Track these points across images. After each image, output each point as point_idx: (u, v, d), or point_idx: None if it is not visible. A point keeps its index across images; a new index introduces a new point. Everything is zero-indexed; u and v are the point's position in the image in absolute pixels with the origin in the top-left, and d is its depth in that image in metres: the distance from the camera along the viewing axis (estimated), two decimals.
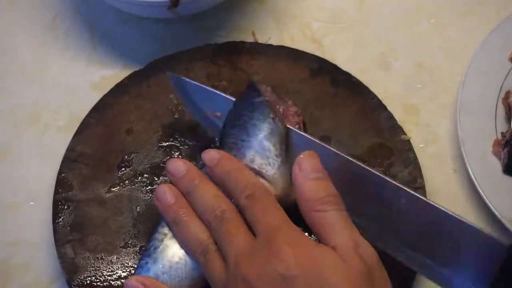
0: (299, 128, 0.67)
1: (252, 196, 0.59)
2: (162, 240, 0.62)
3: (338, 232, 0.55)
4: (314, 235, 0.57)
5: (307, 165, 0.58)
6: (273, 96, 0.70)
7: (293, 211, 0.58)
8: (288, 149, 0.64)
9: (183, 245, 0.61)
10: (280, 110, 0.69)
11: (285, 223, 0.58)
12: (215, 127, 0.67)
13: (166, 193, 0.62)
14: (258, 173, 0.63)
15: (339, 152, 0.62)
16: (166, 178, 0.69)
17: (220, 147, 0.65)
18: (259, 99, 0.65)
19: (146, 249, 0.62)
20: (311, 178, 0.57)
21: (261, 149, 0.63)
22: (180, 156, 0.70)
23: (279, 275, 0.54)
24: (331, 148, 0.63)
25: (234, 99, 0.66)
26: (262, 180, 0.63)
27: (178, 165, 0.63)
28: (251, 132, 0.64)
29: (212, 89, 0.68)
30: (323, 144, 0.63)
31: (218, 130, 0.66)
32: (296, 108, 0.68)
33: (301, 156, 0.58)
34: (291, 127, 0.64)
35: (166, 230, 0.62)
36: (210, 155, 0.63)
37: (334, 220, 0.56)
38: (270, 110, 0.64)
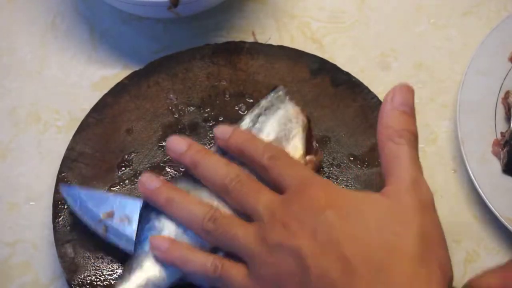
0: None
1: (275, 156, 0.61)
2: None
3: (402, 166, 0.56)
4: (380, 161, 0.58)
5: (399, 97, 0.57)
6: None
7: None
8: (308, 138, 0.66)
9: (182, 222, 0.61)
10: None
11: (314, 175, 0.59)
12: (111, 231, 0.64)
13: (151, 179, 0.63)
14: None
15: None
16: (166, 178, 0.69)
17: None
18: (278, 88, 0.68)
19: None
20: (398, 109, 0.57)
21: (278, 124, 0.65)
22: None
23: (320, 217, 0.55)
24: None
25: (127, 198, 0.65)
26: None
27: (179, 141, 0.64)
28: (268, 111, 0.66)
29: (105, 192, 0.68)
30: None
31: (113, 232, 0.64)
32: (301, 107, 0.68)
33: (398, 86, 0.58)
34: None
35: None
36: (223, 129, 0.64)
37: (403, 155, 0.56)
38: (286, 94, 0.67)
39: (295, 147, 0.65)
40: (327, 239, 0.54)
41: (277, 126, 0.66)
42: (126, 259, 0.65)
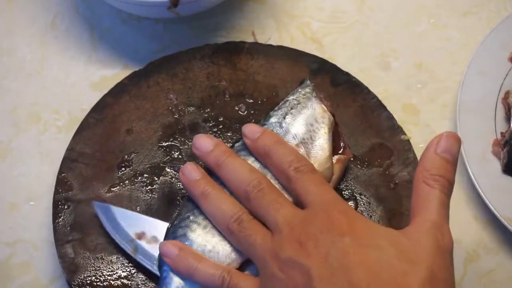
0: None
1: (301, 169, 0.60)
2: (195, 230, 0.62)
3: (428, 209, 0.56)
4: (411, 201, 0.58)
5: (444, 143, 0.57)
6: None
7: None
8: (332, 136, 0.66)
9: (211, 218, 0.62)
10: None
11: (338, 197, 0.59)
12: (140, 251, 0.64)
13: (193, 170, 0.63)
14: (298, 146, 0.64)
15: None
16: (166, 178, 0.69)
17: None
18: (305, 83, 0.68)
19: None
20: (439, 155, 0.57)
21: (304, 125, 0.65)
22: (180, 156, 0.70)
23: (337, 242, 0.55)
24: None
25: (159, 221, 0.65)
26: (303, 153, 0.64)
27: (205, 140, 0.64)
28: (294, 110, 0.66)
29: (137, 213, 0.67)
30: None
31: (143, 253, 0.64)
32: (328, 102, 0.68)
33: (446, 133, 0.58)
34: None
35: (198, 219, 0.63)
36: (252, 128, 0.64)
37: (433, 199, 0.56)
38: (313, 91, 0.67)
39: (322, 147, 0.65)
40: (339, 264, 0.54)
41: (304, 127, 0.65)
42: (127, 260, 0.65)
